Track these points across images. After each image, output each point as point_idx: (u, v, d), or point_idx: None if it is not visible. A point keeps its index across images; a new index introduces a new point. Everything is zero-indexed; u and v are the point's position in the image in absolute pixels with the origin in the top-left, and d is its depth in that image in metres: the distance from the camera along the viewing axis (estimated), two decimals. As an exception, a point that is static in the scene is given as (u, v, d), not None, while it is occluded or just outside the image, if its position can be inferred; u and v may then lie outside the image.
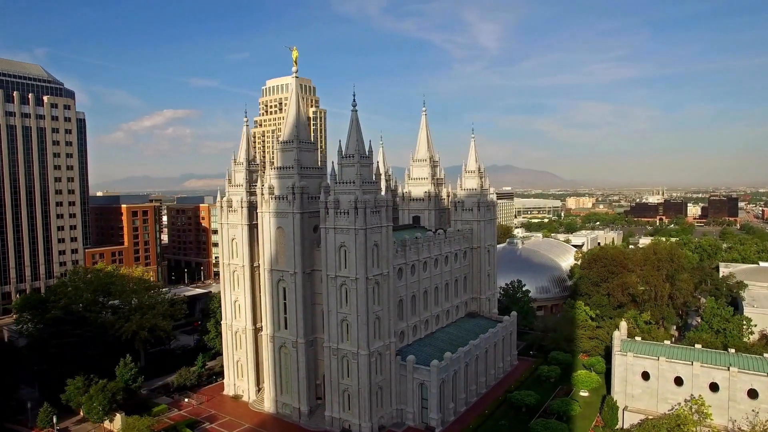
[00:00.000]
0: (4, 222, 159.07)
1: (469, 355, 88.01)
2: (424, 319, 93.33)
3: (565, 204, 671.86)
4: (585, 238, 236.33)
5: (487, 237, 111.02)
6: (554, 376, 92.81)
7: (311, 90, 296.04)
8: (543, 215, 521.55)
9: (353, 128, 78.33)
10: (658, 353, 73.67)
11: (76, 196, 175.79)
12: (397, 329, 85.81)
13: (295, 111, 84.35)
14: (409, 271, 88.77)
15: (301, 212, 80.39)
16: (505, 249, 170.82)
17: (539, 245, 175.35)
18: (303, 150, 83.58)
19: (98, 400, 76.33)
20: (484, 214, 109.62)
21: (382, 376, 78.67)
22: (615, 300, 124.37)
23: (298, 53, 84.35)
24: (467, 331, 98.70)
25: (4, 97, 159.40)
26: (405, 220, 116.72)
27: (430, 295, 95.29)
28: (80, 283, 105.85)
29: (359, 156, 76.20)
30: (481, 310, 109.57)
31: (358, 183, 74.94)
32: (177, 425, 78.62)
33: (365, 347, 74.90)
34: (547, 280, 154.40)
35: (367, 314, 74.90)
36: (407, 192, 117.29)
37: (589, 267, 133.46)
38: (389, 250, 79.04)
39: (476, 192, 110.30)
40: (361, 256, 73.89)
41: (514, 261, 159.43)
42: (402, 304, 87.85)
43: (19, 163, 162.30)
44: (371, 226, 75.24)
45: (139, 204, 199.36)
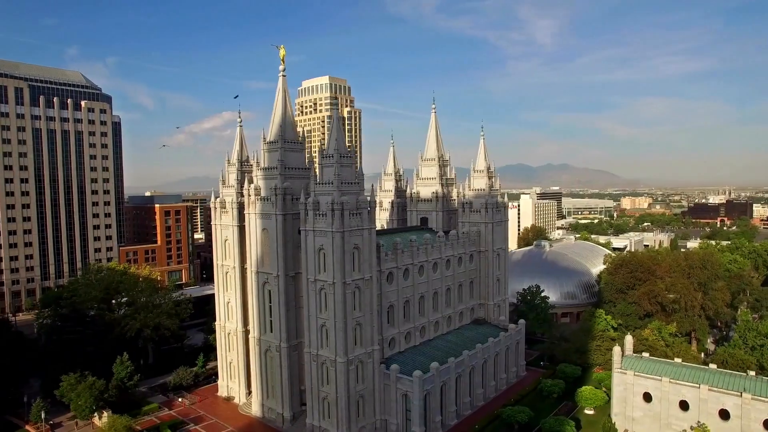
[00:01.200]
0: (45, 220, 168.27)
1: (462, 366, 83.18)
2: (419, 326, 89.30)
3: (620, 204, 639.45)
4: (628, 241, 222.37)
5: (496, 240, 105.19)
6: (557, 391, 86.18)
7: (346, 90, 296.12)
8: (594, 216, 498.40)
9: (334, 128, 75.67)
10: (662, 372, 66.26)
11: (111, 195, 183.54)
12: (386, 336, 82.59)
13: (282, 110, 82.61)
14: (401, 275, 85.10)
15: (283, 214, 78.70)
16: (531, 252, 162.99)
17: (568, 248, 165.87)
18: (288, 150, 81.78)
19: (85, 397, 77.73)
20: (493, 216, 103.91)
21: (363, 385, 75.52)
22: (641, 309, 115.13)
23: (285, 52, 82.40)
24: (469, 339, 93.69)
25: (46, 103, 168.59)
26: (413, 222, 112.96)
27: (427, 301, 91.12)
28: (93, 280, 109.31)
29: (338, 155, 73.41)
30: (488, 317, 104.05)
31: (336, 184, 72.16)
32: (160, 425, 78.90)
33: (343, 354, 72.05)
34: (574, 285, 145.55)
35: (346, 320, 71.99)
36: (415, 192, 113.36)
37: (615, 273, 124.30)
38: (372, 253, 75.72)
39: (484, 193, 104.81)
40: (338, 259, 71.09)
41: (539, 265, 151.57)
42: (393, 310, 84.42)
43: (58, 165, 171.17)
44: (350, 229, 72.26)
45: (172, 204, 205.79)
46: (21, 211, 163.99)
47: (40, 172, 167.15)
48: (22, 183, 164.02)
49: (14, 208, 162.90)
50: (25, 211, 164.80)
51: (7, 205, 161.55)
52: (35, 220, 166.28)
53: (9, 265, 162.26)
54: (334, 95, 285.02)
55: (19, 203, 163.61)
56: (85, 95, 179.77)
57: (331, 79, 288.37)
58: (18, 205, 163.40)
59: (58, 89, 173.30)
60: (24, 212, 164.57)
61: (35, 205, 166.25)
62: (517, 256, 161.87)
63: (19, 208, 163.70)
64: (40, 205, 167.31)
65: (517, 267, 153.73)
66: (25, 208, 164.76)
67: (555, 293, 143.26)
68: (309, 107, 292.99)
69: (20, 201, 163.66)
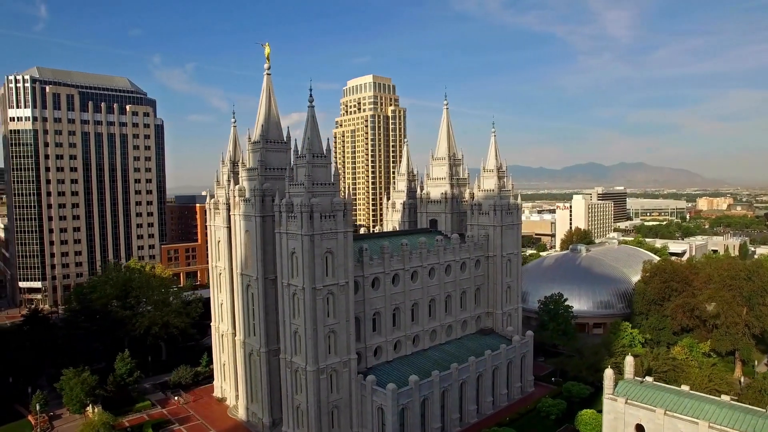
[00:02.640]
0: (92, 219, 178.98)
1: (450, 380, 77.71)
2: (411, 335, 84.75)
3: (695, 205, 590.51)
4: (687, 246, 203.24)
5: (507, 244, 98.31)
6: (556, 412, 78.41)
7: (390, 89, 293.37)
8: (665, 218, 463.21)
9: (308, 126, 72.97)
10: (659, 402, 57.65)
11: (153, 195, 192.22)
12: (370, 344, 78.97)
13: (266, 110, 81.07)
14: (389, 281, 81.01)
15: (262, 215, 77.14)
16: (564, 257, 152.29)
17: (608, 253, 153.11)
18: (271, 150, 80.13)
19: (76, 391, 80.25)
20: (503, 219, 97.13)
21: (338, 395, 72.33)
22: (675, 323, 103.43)
23: (270, 50, 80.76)
24: (469, 350, 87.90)
25: (94, 108, 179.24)
26: (423, 224, 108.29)
27: (421, 308, 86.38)
28: (112, 277, 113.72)
29: (311, 155, 70.65)
30: (496, 327, 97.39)
31: (307, 185, 69.49)
32: (144, 424, 79.93)
33: (313, 362, 69.25)
34: (610, 293, 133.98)
35: (316, 327, 69.14)
36: (426, 193, 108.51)
37: (649, 282, 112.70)
38: (348, 258, 72.28)
39: (494, 194, 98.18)
40: (307, 264, 68.34)
41: (571, 270, 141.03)
42: (380, 317, 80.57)
43: (104, 166, 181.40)
44: (321, 232, 69.28)
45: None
46: (71, 210, 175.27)
47: (88, 173, 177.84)
48: (72, 183, 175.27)
49: (65, 207, 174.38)
50: (75, 210, 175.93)
51: (59, 204, 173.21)
52: (83, 218, 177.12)
53: (60, 260, 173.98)
54: (377, 94, 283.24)
55: (70, 203, 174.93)
56: (131, 99, 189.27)
57: (375, 77, 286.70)
58: (68, 204, 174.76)
59: (106, 95, 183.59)
60: (74, 211, 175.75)
61: (84, 204, 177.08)
62: (548, 261, 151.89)
63: (70, 207, 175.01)
64: (88, 204, 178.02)
65: (547, 272, 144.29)
66: (74, 207, 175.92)
67: (587, 302, 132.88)
68: (353, 107, 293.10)
69: (70, 201, 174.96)
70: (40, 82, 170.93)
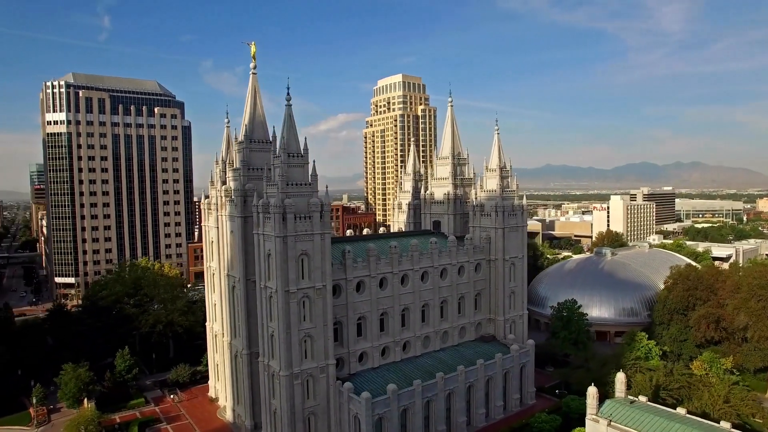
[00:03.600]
0: (122, 217, 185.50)
1: (435, 389, 73.98)
2: (400, 341, 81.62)
3: (755, 207, 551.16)
4: (734, 249, 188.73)
5: (510, 247, 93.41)
6: (549, 429, 73.02)
7: (421, 88, 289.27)
8: (719, 219, 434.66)
9: (285, 125, 71.21)
10: (646, 426, 52.15)
11: (180, 195, 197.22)
12: (354, 350, 76.51)
13: (251, 109, 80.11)
14: (375, 284, 78.24)
15: (243, 216, 76.26)
16: (587, 260, 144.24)
17: (635, 257, 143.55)
18: (255, 150, 79.15)
19: (70, 386, 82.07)
20: (506, 221, 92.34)
21: (315, 402, 70.18)
22: (699, 335, 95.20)
23: (255, 49, 79.75)
24: (464, 358, 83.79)
25: (124, 111, 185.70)
26: (426, 225, 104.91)
27: (413, 314, 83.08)
28: (125, 275, 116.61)
29: (286, 155, 68.91)
30: (498, 334, 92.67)
31: (281, 185, 67.76)
32: (132, 422, 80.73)
33: (286, 367, 67.43)
34: (635, 300, 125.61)
35: (290, 331, 67.33)
36: (429, 194, 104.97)
37: (672, 289, 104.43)
38: (325, 260, 69.99)
39: (496, 194, 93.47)
40: (280, 266, 66.62)
41: (593, 275, 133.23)
42: (365, 322, 77.96)
43: (133, 167, 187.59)
44: (296, 234, 67.41)
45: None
46: (102, 209, 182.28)
47: (118, 173, 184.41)
48: (103, 184, 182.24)
49: (96, 206, 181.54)
50: (105, 209, 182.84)
51: (91, 203, 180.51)
52: (113, 217, 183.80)
53: (92, 257, 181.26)
54: (406, 93, 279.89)
55: (101, 202, 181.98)
56: (159, 102, 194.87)
57: (405, 77, 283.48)
58: (99, 203, 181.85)
59: (135, 98, 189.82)
60: (104, 210, 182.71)
61: (114, 203, 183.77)
62: (570, 265, 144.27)
63: (101, 206, 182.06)
64: (117, 203, 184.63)
65: (567, 277, 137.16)
66: (105, 206, 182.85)
67: (608, 309, 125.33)
68: (383, 106, 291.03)
69: (101, 200, 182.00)
70: (74, 87, 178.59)
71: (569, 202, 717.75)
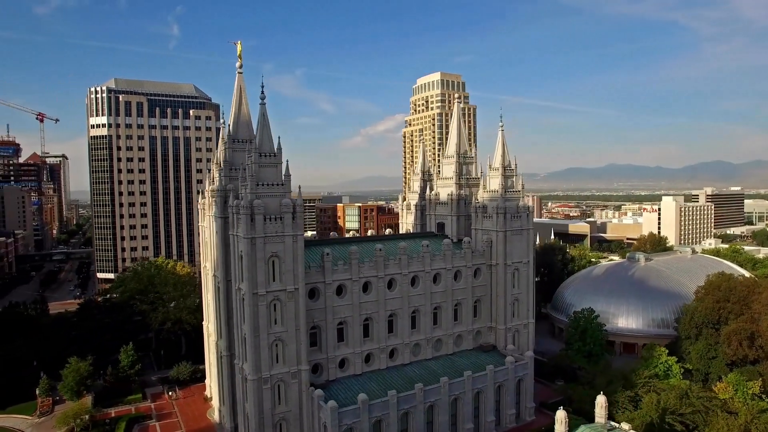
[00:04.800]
0: (158, 217, 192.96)
1: (413, 401, 69.97)
2: (386, 348, 78.30)
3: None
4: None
5: (513, 252, 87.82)
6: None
7: (459, 86, 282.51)
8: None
9: (259, 124, 69.78)
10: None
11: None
12: (333, 356, 74.07)
13: (236, 108, 79.46)
14: (358, 288, 75.40)
15: (223, 217, 75.73)
16: (618, 266, 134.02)
17: (672, 264, 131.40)
18: (238, 150, 78.45)
19: (69, 380, 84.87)
20: (507, 223, 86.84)
21: (287, 408, 68.26)
22: (730, 352, 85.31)
23: (241, 48, 78.95)
24: (457, 368, 79.25)
25: (161, 113, 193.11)
26: (431, 227, 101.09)
27: (401, 320, 79.56)
28: (141, 273, 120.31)
29: (257, 155, 67.46)
30: (499, 343, 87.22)
31: (251, 185, 66.43)
32: (122, 417, 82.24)
33: (255, 371, 65.99)
34: (668, 311, 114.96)
35: (258, 334, 65.84)
36: (435, 194, 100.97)
37: (702, 300, 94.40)
38: (297, 263, 67.88)
39: (497, 195, 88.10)
40: (248, 267, 65.27)
41: (622, 282, 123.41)
42: (347, 327, 75.30)
43: (169, 168, 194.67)
44: (265, 235, 65.79)
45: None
46: (139, 208, 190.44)
47: (154, 173, 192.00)
48: (140, 184, 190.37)
49: (134, 205, 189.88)
50: (143, 208, 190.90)
51: (129, 203, 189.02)
52: (150, 216, 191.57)
53: (130, 254, 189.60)
54: (444, 92, 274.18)
55: (138, 201, 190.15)
56: (195, 105, 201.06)
57: (443, 75, 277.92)
58: (137, 203, 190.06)
59: (172, 101, 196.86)
60: (142, 209, 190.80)
61: (150, 202, 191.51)
62: (598, 270, 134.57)
63: (138, 205, 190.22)
64: (154, 203, 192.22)
65: (595, 283, 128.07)
66: (142, 206, 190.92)
67: (636, 318, 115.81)
68: (421, 105, 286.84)
69: (139, 200, 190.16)
70: (115, 92, 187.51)
71: (631, 203, 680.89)
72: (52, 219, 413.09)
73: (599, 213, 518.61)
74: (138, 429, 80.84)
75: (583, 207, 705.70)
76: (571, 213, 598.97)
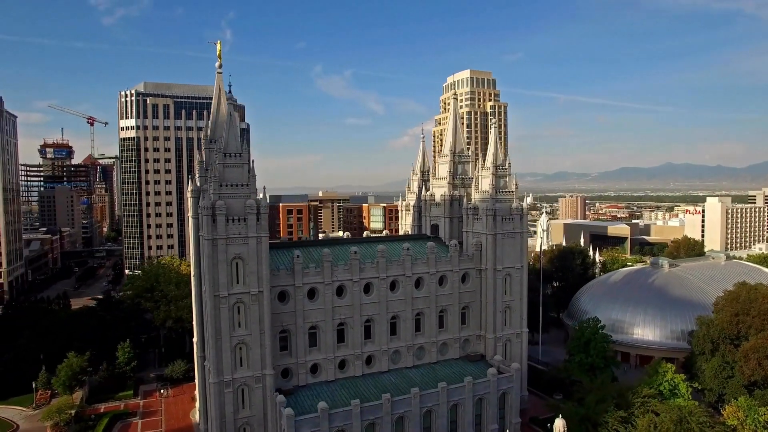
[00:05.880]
0: (183, 216, 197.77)
1: (378, 412, 66.80)
2: (362, 354, 75.72)
3: None
4: None
5: (505, 256, 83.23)
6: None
7: (490, 83, 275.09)
8: None
9: (225, 124, 68.93)
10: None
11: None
12: (304, 361, 72.22)
13: (216, 109, 79.14)
14: (330, 292, 73.20)
15: (195, 217, 75.36)
16: (639, 272, 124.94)
17: (700, 271, 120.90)
18: (214, 150, 77.45)
19: (61, 375, 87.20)
20: (497, 226, 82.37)
21: (251, 412, 67.09)
22: (747, 371, 77.01)
23: (221, 48, 78.43)
24: (438, 378, 75.64)
25: (186, 115, 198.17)
26: (426, 229, 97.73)
27: (379, 325, 76.82)
28: (146, 272, 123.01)
29: (222, 155, 66.55)
30: (488, 353, 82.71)
31: (214, 185, 65.62)
32: (106, 414, 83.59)
33: (216, 374, 65.17)
34: (688, 322, 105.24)
35: (219, 336, 64.97)
36: (430, 195, 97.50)
37: (720, 312, 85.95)
38: (262, 265, 66.48)
39: (487, 196, 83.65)
40: (210, 269, 64.49)
41: (640, 289, 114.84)
42: (320, 332, 73.25)
43: (194, 167, 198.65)
44: (227, 236, 64.84)
45: (295, 203, 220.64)
46: (165, 208, 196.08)
47: (180, 173, 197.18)
48: (166, 184, 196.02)
49: (160, 205, 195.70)
50: (168, 207, 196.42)
51: (156, 202, 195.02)
52: (176, 215, 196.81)
53: (156, 253, 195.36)
54: (474, 89, 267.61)
55: (164, 201, 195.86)
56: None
57: (473, 72, 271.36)
58: (163, 202, 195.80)
59: (197, 103, 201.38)
60: (167, 209, 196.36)
61: (176, 202, 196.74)
62: (617, 276, 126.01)
63: (164, 205, 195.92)
64: (179, 201, 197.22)
65: (612, 290, 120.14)
66: (168, 205, 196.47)
67: (653, 329, 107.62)
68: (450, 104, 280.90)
69: (165, 199, 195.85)
70: (143, 95, 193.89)
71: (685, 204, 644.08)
72: (103, 217, 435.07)
73: (648, 214, 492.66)
74: (120, 426, 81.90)
75: (634, 208, 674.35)
76: (618, 214, 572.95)
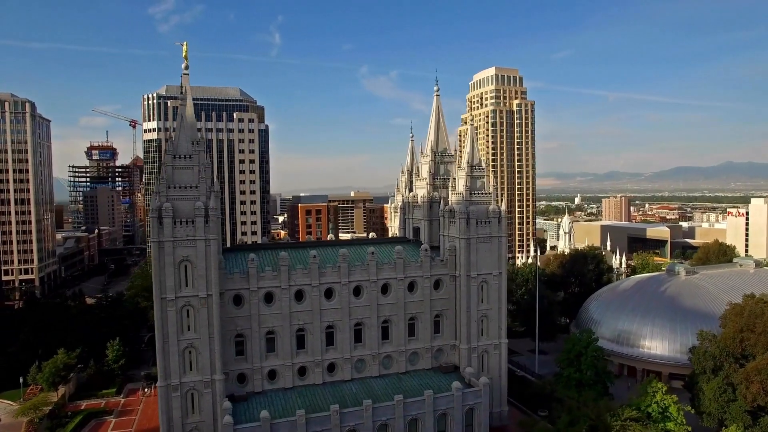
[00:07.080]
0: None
1: (327, 424, 63.91)
2: (323, 362, 73.24)
3: None
4: None
5: (480, 262, 78.55)
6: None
7: (516, 81, 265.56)
8: None
9: (178, 125, 68.16)
10: None
11: (256, 195, 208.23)
12: (260, 367, 70.53)
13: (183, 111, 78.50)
14: (289, 297, 71.18)
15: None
16: (651, 280, 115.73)
17: (722, 279, 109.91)
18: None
19: (45, 371, 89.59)
20: (473, 230, 77.88)
21: (200, 418, 65.98)
22: (749, 395, 69.04)
23: (187, 49, 77.89)
24: (403, 389, 72.25)
25: (206, 117, 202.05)
26: (408, 231, 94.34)
27: (341, 332, 74.12)
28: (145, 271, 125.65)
29: (171, 157, 65.89)
30: (462, 364, 78.26)
31: (161, 187, 64.98)
32: (81, 411, 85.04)
33: (162, 378, 64.56)
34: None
35: (165, 340, 64.24)
36: (413, 196, 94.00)
37: (724, 327, 77.74)
38: (211, 269, 65.15)
39: (462, 197, 79.21)
40: (157, 272, 63.88)
41: (652, 299, 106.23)
42: (277, 337, 71.39)
43: (214, 168, 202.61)
44: (174, 239, 64.02)
45: (314, 204, 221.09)
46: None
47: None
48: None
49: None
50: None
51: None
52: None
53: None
54: (499, 87, 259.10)
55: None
56: (239, 107, 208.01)
57: (498, 70, 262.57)
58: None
59: (218, 104, 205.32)
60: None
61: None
62: (627, 284, 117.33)
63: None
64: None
65: (621, 299, 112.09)
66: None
67: (662, 343, 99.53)
68: (476, 102, 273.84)
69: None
70: (164, 98, 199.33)
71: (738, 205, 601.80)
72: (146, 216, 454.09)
73: (699, 216, 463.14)
74: (94, 424, 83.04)
75: (687, 210, 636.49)
76: (668, 215, 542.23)
